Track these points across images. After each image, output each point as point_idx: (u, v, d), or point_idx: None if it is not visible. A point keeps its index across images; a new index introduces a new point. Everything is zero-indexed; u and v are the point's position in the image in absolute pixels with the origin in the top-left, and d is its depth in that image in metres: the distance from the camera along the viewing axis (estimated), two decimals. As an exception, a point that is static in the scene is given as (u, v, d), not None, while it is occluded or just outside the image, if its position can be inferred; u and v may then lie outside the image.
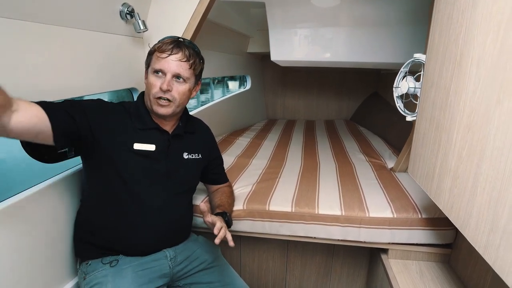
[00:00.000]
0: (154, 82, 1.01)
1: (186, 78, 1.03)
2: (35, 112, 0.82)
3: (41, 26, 0.97)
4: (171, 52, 1.00)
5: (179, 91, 1.03)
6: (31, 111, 0.81)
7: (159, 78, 1.01)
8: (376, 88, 3.75)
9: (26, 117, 0.78)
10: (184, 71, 1.02)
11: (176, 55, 1.00)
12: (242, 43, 3.09)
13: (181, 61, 1.01)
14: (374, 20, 2.07)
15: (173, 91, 1.01)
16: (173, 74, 1.01)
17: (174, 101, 1.03)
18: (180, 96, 1.03)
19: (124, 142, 1.02)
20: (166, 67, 1.00)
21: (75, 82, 1.13)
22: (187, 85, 1.05)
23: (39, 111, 0.83)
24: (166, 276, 1.09)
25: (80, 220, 1.11)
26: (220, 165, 1.36)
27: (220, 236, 0.96)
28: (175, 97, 1.02)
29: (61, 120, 0.88)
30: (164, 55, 0.99)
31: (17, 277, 0.93)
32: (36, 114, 0.82)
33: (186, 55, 1.01)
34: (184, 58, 1.01)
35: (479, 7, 0.71)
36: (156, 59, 1.01)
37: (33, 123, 0.81)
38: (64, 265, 1.12)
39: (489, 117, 0.65)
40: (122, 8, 1.30)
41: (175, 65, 1.00)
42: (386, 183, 1.52)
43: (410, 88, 1.20)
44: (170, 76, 1.00)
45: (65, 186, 1.12)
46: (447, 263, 1.29)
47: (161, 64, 1.00)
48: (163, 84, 0.99)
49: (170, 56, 1.00)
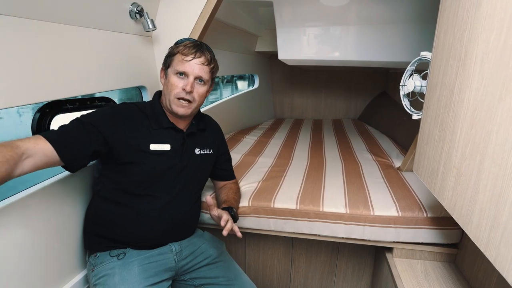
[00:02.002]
0: (176, 83, 1.05)
1: (206, 81, 1.10)
2: (43, 152, 0.86)
3: (53, 25, 1.00)
4: (194, 56, 1.05)
5: (199, 92, 1.09)
6: (40, 152, 0.85)
7: (181, 79, 1.06)
8: (384, 87, 3.72)
9: (36, 160, 0.84)
10: (205, 74, 1.08)
11: (199, 58, 1.06)
12: (250, 42, 3.10)
13: (203, 65, 1.07)
14: (383, 19, 2.06)
15: (194, 92, 1.07)
16: (196, 76, 1.06)
17: (194, 101, 1.08)
18: (199, 97, 1.09)
19: (140, 144, 1.06)
20: (190, 70, 1.05)
21: (85, 79, 1.17)
22: (206, 87, 1.11)
23: (46, 149, 0.86)
24: (172, 270, 1.11)
25: (89, 214, 1.15)
26: (227, 161, 1.39)
27: (227, 228, 0.98)
28: (195, 98, 1.08)
29: (70, 151, 0.92)
30: (188, 58, 1.05)
31: (30, 268, 0.96)
32: (44, 153, 0.86)
33: (207, 59, 1.08)
34: (206, 62, 1.07)
35: (483, 5, 0.71)
36: (180, 61, 1.05)
37: (44, 162, 0.86)
38: (74, 257, 1.15)
39: (492, 115, 0.65)
40: (131, 8, 1.33)
41: (198, 68, 1.06)
42: (392, 182, 1.51)
43: (416, 87, 1.20)
44: (193, 78, 1.06)
45: (76, 181, 1.15)
46: (453, 263, 1.28)
47: (185, 67, 1.05)
48: (187, 85, 1.05)
49: (194, 59, 1.05)
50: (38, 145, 0.85)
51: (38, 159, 0.84)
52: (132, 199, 1.07)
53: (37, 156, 0.84)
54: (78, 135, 0.95)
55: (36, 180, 1.03)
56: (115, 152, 1.03)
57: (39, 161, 0.84)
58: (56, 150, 0.88)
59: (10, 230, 0.90)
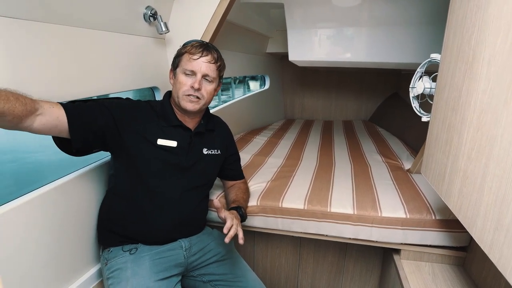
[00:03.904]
0: (184, 81, 1.09)
1: (213, 78, 1.12)
2: (56, 115, 0.91)
3: (72, 29, 1.05)
4: (201, 55, 1.08)
5: (207, 90, 1.12)
6: (54, 114, 0.90)
7: (189, 77, 1.09)
8: (396, 89, 3.68)
9: (48, 120, 0.89)
10: (212, 72, 1.11)
11: (206, 57, 1.09)
12: (261, 44, 3.13)
13: (210, 63, 1.10)
14: (395, 20, 2.05)
15: (202, 89, 1.10)
16: (203, 74, 1.09)
17: (203, 98, 1.11)
18: (207, 94, 1.12)
19: (149, 138, 1.09)
20: (197, 68, 1.08)
21: (101, 80, 1.21)
22: (213, 85, 1.14)
23: (60, 114, 0.92)
24: (181, 266, 1.15)
25: (103, 210, 1.19)
26: (236, 162, 1.41)
27: (229, 235, 1.00)
28: (203, 95, 1.11)
29: (79, 125, 0.96)
30: (196, 56, 1.08)
31: (47, 260, 1.01)
32: (57, 117, 0.91)
33: (214, 57, 1.11)
34: (212, 60, 1.10)
35: (491, 7, 0.71)
36: (188, 60, 1.09)
37: (53, 125, 0.91)
38: (89, 252, 1.20)
39: (497, 118, 0.65)
40: (145, 11, 1.38)
41: (205, 66, 1.09)
42: (401, 184, 1.51)
43: (426, 89, 1.19)
44: (200, 76, 1.09)
45: (91, 177, 1.20)
46: (462, 266, 1.27)
47: (193, 65, 1.08)
48: (195, 83, 1.08)
49: (201, 58, 1.08)
50: (53, 108, 0.90)
51: (49, 120, 0.89)
52: (141, 196, 1.11)
53: (49, 117, 0.89)
54: (91, 111, 1.01)
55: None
56: (123, 141, 1.06)
57: (49, 122, 0.89)
58: (67, 117, 0.93)
59: (30, 224, 0.95)
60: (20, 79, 0.90)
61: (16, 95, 0.79)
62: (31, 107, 0.82)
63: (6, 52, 0.86)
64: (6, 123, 0.79)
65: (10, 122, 0.79)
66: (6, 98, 0.75)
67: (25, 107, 0.80)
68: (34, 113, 0.84)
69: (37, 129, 0.87)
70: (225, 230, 1.01)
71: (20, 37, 0.89)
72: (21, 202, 0.92)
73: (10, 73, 0.88)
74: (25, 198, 0.94)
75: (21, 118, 0.80)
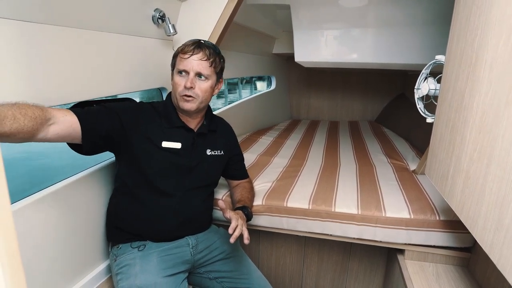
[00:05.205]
0: (179, 81, 1.10)
1: (207, 76, 1.11)
2: (69, 123, 0.92)
3: (83, 31, 1.08)
4: (192, 53, 1.08)
5: (202, 88, 1.11)
6: (68, 123, 0.91)
7: (183, 77, 1.10)
8: (403, 89, 3.67)
9: (62, 128, 0.90)
10: (205, 69, 1.10)
11: (197, 54, 1.09)
12: (267, 44, 3.15)
13: (201, 60, 1.09)
14: (402, 21, 2.05)
15: (196, 88, 1.10)
16: (195, 73, 1.09)
17: (197, 97, 1.11)
18: (202, 93, 1.12)
19: (153, 140, 1.12)
20: (189, 66, 1.08)
21: (111, 82, 1.25)
22: (209, 83, 1.13)
23: (73, 121, 0.93)
24: (188, 263, 1.17)
25: (111, 208, 1.22)
26: (240, 162, 1.43)
27: (234, 236, 1.02)
28: (198, 94, 1.11)
29: (91, 132, 0.98)
30: (187, 55, 1.08)
31: (58, 256, 1.05)
32: (71, 125, 0.92)
33: (206, 54, 1.10)
34: (204, 57, 1.09)
35: (494, 11, 0.72)
36: (180, 60, 1.10)
37: (67, 133, 0.92)
38: (98, 248, 1.23)
39: (499, 119, 0.66)
40: (154, 13, 1.41)
41: (196, 64, 1.08)
42: (406, 184, 1.52)
43: (430, 90, 1.20)
44: (193, 75, 1.09)
45: (99, 177, 1.23)
46: (466, 267, 1.27)
47: (184, 65, 1.09)
48: (187, 82, 1.08)
49: (192, 56, 1.08)
50: (66, 116, 0.91)
51: (63, 128, 0.90)
52: (146, 195, 1.14)
53: (63, 125, 0.89)
54: (99, 114, 1.02)
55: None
56: (129, 143, 1.08)
57: (63, 131, 0.89)
58: (81, 125, 0.94)
59: (42, 221, 0.98)
60: (32, 82, 0.93)
61: (24, 110, 0.76)
62: (42, 119, 0.81)
63: (21, 56, 0.89)
64: (19, 140, 0.78)
65: (23, 139, 0.78)
66: (13, 118, 0.72)
67: (35, 121, 0.78)
68: (45, 123, 0.84)
69: (52, 138, 0.88)
70: (230, 230, 1.03)
71: (33, 40, 0.92)
72: (35, 199, 0.95)
73: (24, 77, 0.91)
74: (39, 195, 0.98)
75: (33, 133, 0.79)
